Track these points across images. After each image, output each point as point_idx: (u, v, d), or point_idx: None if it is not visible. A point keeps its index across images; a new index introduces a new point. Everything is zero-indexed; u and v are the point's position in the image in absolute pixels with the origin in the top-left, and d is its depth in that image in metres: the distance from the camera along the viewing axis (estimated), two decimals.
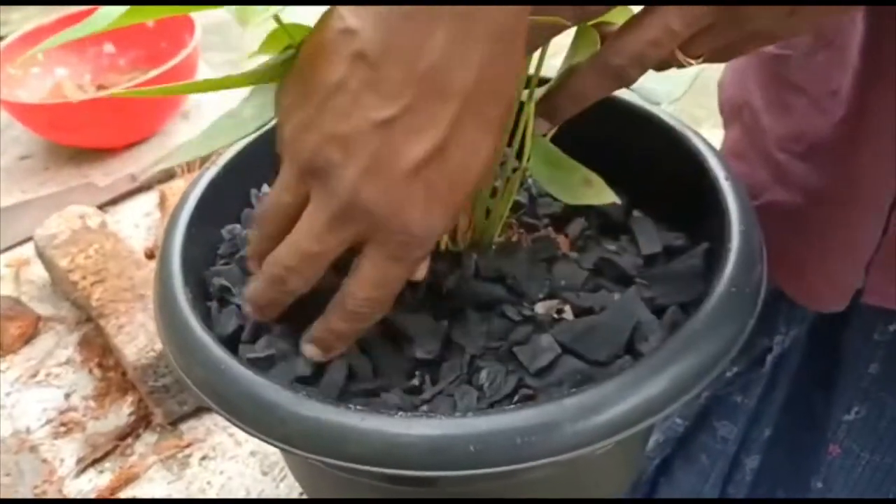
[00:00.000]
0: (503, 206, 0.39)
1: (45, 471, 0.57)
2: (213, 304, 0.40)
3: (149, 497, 0.56)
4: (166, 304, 0.37)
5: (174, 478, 0.57)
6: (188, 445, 0.59)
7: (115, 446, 0.59)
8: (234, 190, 0.46)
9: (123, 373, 0.62)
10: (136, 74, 0.92)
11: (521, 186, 0.45)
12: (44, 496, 0.55)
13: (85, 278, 0.64)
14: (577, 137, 0.39)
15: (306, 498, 0.55)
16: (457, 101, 0.29)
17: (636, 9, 0.32)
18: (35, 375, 0.65)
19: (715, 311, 0.34)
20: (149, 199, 0.82)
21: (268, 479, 0.56)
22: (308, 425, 0.31)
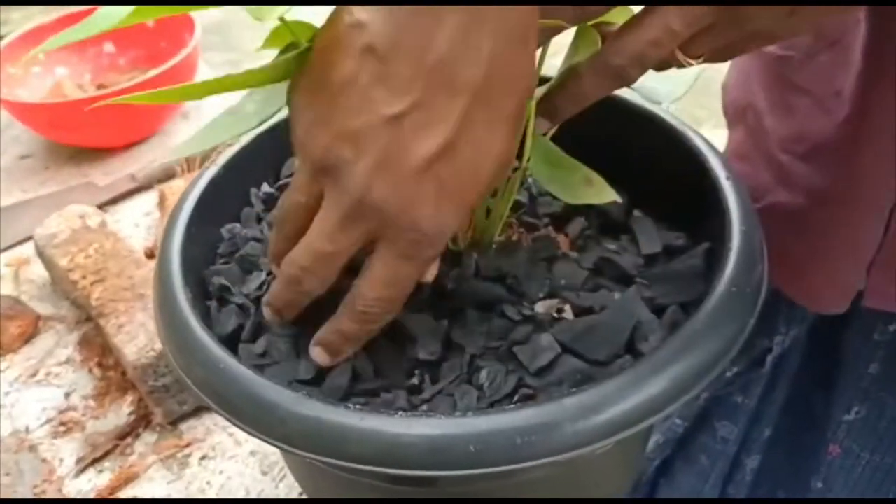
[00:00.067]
0: (503, 205, 0.38)
1: (44, 470, 0.57)
2: (213, 304, 0.40)
3: (148, 497, 0.56)
4: (166, 304, 0.37)
5: (174, 477, 0.57)
6: (188, 445, 0.59)
7: (115, 446, 0.59)
8: (233, 189, 0.46)
9: (123, 372, 0.62)
10: (136, 74, 0.92)
11: (522, 185, 0.45)
12: (43, 496, 0.55)
13: (85, 278, 0.64)
14: (577, 137, 0.38)
15: (306, 498, 0.54)
16: (466, 97, 0.29)
17: (636, 9, 0.32)
18: (35, 375, 0.65)
19: (715, 310, 0.33)
20: (149, 199, 0.82)
21: (267, 479, 0.56)
22: (308, 425, 0.31)
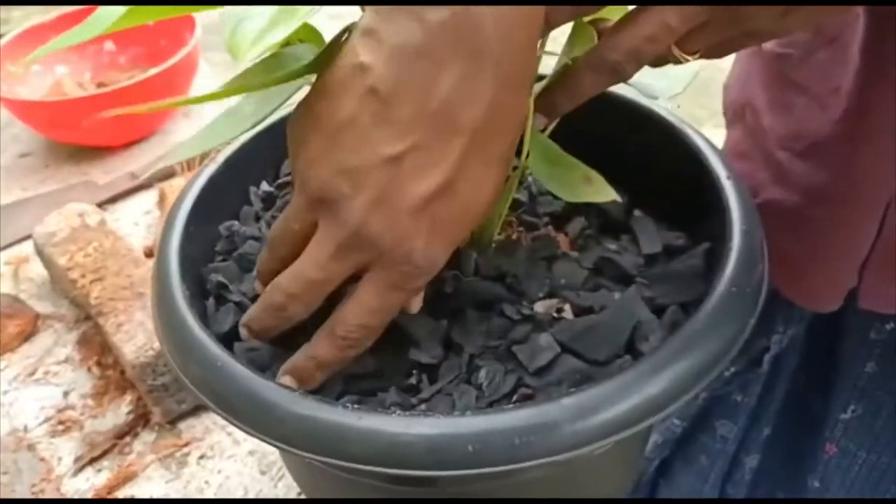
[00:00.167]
0: (503, 204, 0.38)
1: (42, 469, 0.57)
2: (211, 302, 0.40)
3: (147, 496, 0.56)
4: (164, 302, 0.37)
5: (172, 477, 0.57)
6: (186, 444, 0.59)
7: (114, 445, 0.59)
8: (232, 187, 0.46)
9: (122, 371, 0.62)
10: (136, 72, 0.92)
11: (521, 184, 0.45)
12: (41, 495, 0.55)
13: (84, 276, 0.64)
14: (577, 135, 0.38)
15: (304, 498, 0.54)
16: (464, 139, 0.29)
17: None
18: (33, 374, 0.64)
19: (715, 310, 0.33)
20: (148, 198, 0.82)
21: (266, 479, 0.56)
22: (306, 424, 0.31)
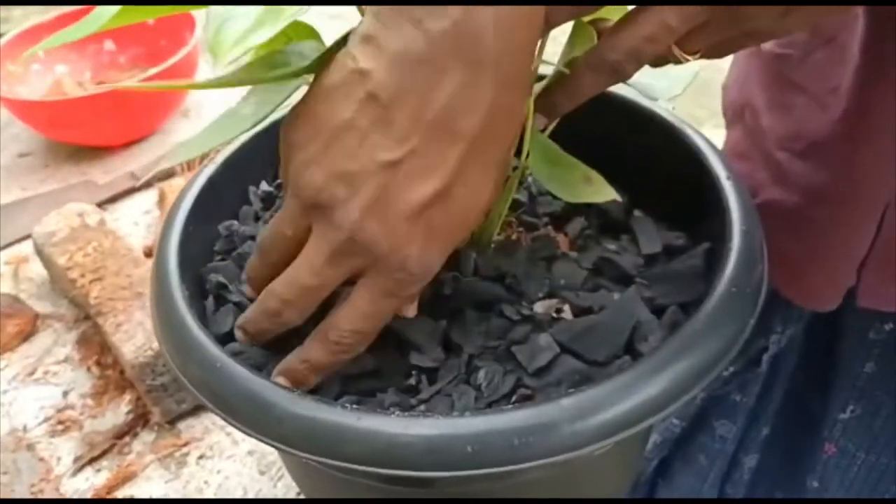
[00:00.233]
0: (502, 204, 0.38)
1: (42, 469, 0.57)
2: (210, 302, 0.40)
3: (146, 496, 0.56)
4: (163, 302, 0.37)
5: (171, 477, 0.57)
6: (186, 444, 0.59)
7: (113, 445, 0.59)
8: (231, 187, 0.46)
9: (121, 371, 0.62)
10: (136, 72, 0.92)
11: (521, 184, 0.44)
12: (41, 495, 0.55)
13: (83, 276, 0.63)
14: (577, 135, 0.38)
15: (303, 498, 0.54)
16: (463, 145, 0.29)
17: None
18: (33, 373, 0.64)
19: (715, 311, 0.33)
20: (148, 197, 0.82)
21: (265, 479, 0.56)
22: (305, 425, 0.31)
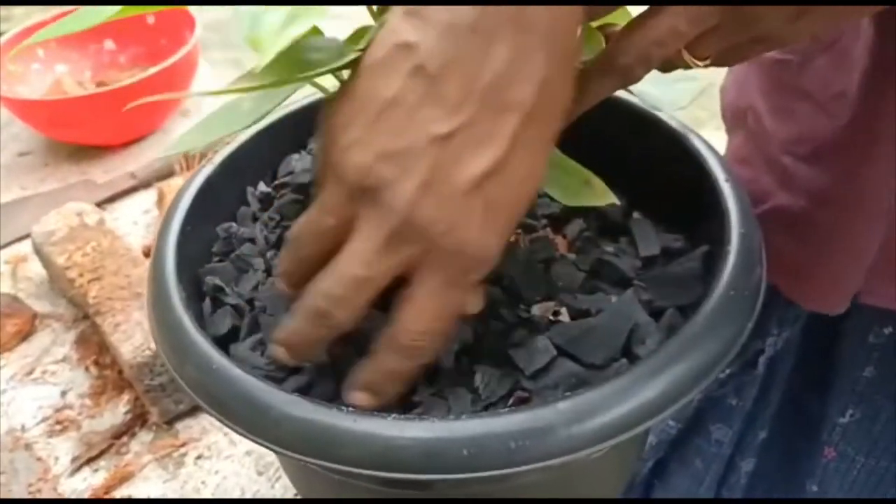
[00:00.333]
0: None
1: (39, 469, 0.57)
2: (207, 304, 0.40)
3: (144, 496, 0.55)
4: (160, 304, 0.37)
5: (169, 477, 0.57)
6: (183, 445, 0.58)
7: (111, 445, 0.59)
8: (230, 188, 0.46)
9: (119, 371, 0.62)
10: (136, 71, 0.92)
11: None
12: (38, 495, 0.55)
13: (82, 276, 0.63)
14: (576, 138, 0.38)
15: (301, 498, 0.54)
16: (518, 116, 0.28)
17: (638, 10, 0.32)
18: (31, 373, 0.64)
19: (713, 313, 0.33)
20: (147, 197, 0.82)
21: (263, 480, 0.56)
22: (301, 427, 0.31)
